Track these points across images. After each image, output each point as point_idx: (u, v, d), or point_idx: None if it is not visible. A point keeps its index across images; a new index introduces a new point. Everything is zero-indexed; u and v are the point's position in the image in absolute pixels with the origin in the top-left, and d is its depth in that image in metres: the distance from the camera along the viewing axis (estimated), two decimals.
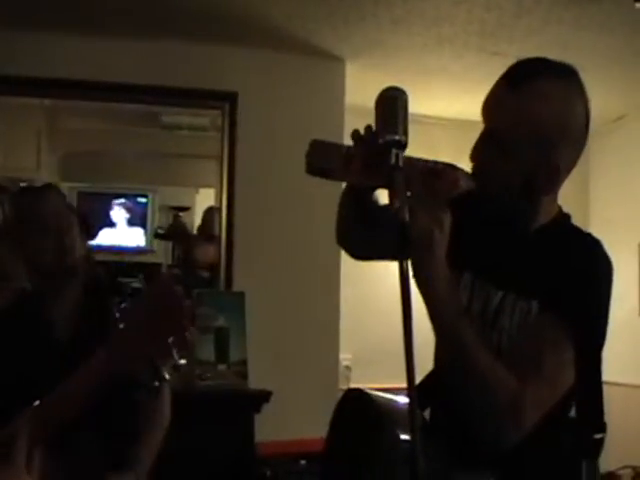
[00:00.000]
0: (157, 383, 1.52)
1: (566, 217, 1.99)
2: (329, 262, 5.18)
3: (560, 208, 1.98)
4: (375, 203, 1.98)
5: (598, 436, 1.83)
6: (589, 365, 1.80)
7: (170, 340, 1.47)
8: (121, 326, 1.52)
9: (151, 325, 1.48)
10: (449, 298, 1.70)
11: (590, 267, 1.86)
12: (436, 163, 1.68)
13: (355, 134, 1.76)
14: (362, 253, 2.28)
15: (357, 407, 1.85)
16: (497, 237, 1.91)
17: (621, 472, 5.89)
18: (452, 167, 1.70)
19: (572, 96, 1.83)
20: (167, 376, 1.51)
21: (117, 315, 1.51)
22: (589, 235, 1.95)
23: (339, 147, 1.71)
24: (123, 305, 1.62)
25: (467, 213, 1.75)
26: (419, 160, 1.65)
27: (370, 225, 1.97)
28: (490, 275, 1.91)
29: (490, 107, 1.85)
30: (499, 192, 1.82)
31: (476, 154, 1.86)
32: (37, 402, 1.49)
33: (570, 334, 1.75)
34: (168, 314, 1.48)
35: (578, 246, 1.90)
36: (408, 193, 1.54)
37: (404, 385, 1.33)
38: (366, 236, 2.05)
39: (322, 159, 1.68)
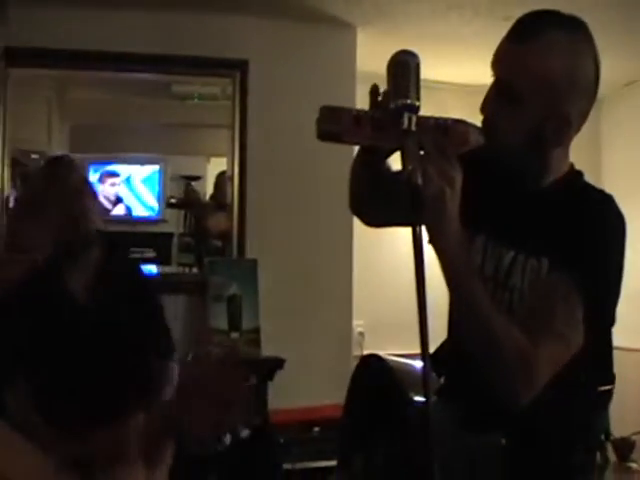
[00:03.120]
0: (218, 448, 1.51)
1: (578, 174, 1.99)
2: (341, 228, 5.18)
3: (572, 165, 1.98)
4: (388, 169, 1.98)
5: (606, 387, 1.84)
6: (601, 322, 1.81)
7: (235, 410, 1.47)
8: (184, 389, 1.51)
9: (218, 393, 1.47)
10: (463, 258, 1.70)
11: (602, 223, 1.86)
12: (445, 120, 1.68)
13: (374, 89, 1.74)
14: (375, 220, 2.27)
15: (374, 372, 1.86)
16: (508, 195, 1.92)
17: (634, 437, 5.91)
18: (461, 122, 1.70)
19: (580, 47, 1.83)
20: (227, 442, 1.50)
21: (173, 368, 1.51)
22: (601, 191, 1.94)
23: (349, 110, 1.70)
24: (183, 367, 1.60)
25: (478, 172, 1.75)
26: (428, 118, 1.65)
27: (383, 191, 1.97)
28: (502, 235, 1.91)
29: (499, 59, 1.86)
30: (509, 144, 1.83)
31: (486, 105, 1.87)
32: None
33: (582, 291, 1.75)
34: (232, 386, 1.48)
35: (590, 202, 1.90)
36: (421, 152, 1.54)
37: (417, 351, 1.34)
38: (379, 202, 2.05)
39: (332, 123, 1.68)
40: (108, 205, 6.71)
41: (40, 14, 4.88)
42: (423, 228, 1.42)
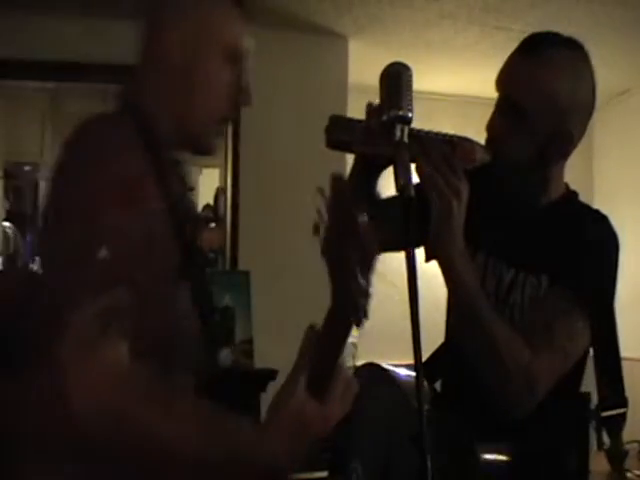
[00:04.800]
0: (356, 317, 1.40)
1: (574, 194, 2.04)
2: None
3: (567, 185, 2.02)
4: (378, 194, 1.98)
5: (620, 411, 1.88)
6: (604, 336, 1.84)
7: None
8: None
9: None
10: (467, 269, 1.73)
11: (598, 241, 1.91)
12: (452, 136, 1.71)
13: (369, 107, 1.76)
14: None
15: (372, 381, 1.87)
16: (508, 213, 1.94)
17: (628, 446, 5.89)
18: (467, 140, 1.72)
19: (581, 66, 1.89)
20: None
21: None
22: (597, 211, 2.01)
23: (358, 121, 1.72)
24: None
25: (480, 190, 1.77)
26: (437, 133, 1.67)
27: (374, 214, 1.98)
28: (502, 253, 1.94)
29: (505, 76, 1.90)
30: (514, 161, 1.85)
31: (492, 123, 1.90)
32: None
33: (581, 304, 1.78)
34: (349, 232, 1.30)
35: (586, 221, 1.96)
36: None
37: (410, 362, 1.34)
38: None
39: (341, 132, 1.70)
40: None
41: (33, 26, 4.87)
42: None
